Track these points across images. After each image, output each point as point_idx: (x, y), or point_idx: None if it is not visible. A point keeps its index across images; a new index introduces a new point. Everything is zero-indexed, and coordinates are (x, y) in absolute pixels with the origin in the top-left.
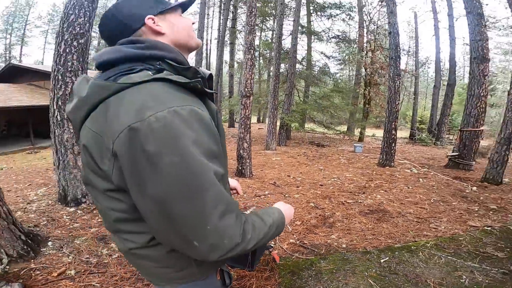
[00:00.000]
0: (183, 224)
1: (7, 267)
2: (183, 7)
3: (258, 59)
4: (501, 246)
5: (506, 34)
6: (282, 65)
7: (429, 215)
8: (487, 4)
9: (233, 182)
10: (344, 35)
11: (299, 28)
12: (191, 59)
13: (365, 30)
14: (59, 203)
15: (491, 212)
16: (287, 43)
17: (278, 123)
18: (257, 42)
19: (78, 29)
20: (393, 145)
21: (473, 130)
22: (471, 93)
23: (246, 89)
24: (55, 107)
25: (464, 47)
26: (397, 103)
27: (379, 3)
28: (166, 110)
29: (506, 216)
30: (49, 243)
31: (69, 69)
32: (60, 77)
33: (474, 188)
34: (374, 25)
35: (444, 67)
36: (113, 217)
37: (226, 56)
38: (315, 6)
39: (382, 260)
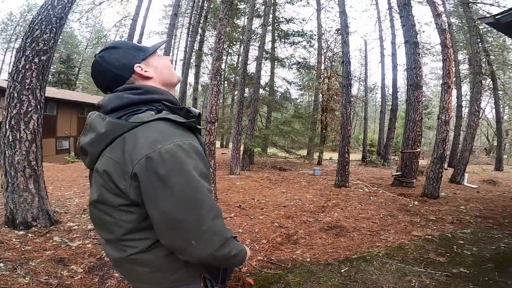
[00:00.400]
0: (185, 227)
1: None
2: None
3: (223, 83)
4: (441, 252)
5: (439, 59)
6: (246, 90)
7: (379, 228)
8: (423, 31)
9: None
10: (305, 62)
11: (263, 53)
12: None
13: (323, 57)
14: (6, 226)
15: (430, 222)
16: (251, 68)
17: (241, 148)
18: (222, 66)
19: (42, 45)
20: (347, 167)
21: (412, 152)
22: (408, 118)
23: (211, 115)
24: (7, 126)
25: (405, 73)
26: (349, 128)
27: (335, 31)
28: (172, 144)
29: (443, 226)
30: (1, 264)
31: (27, 87)
32: (16, 95)
33: (416, 202)
34: (331, 52)
35: (389, 92)
36: (123, 226)
37: (191, 79)
38: (280, 32)
39: (342, 270)
